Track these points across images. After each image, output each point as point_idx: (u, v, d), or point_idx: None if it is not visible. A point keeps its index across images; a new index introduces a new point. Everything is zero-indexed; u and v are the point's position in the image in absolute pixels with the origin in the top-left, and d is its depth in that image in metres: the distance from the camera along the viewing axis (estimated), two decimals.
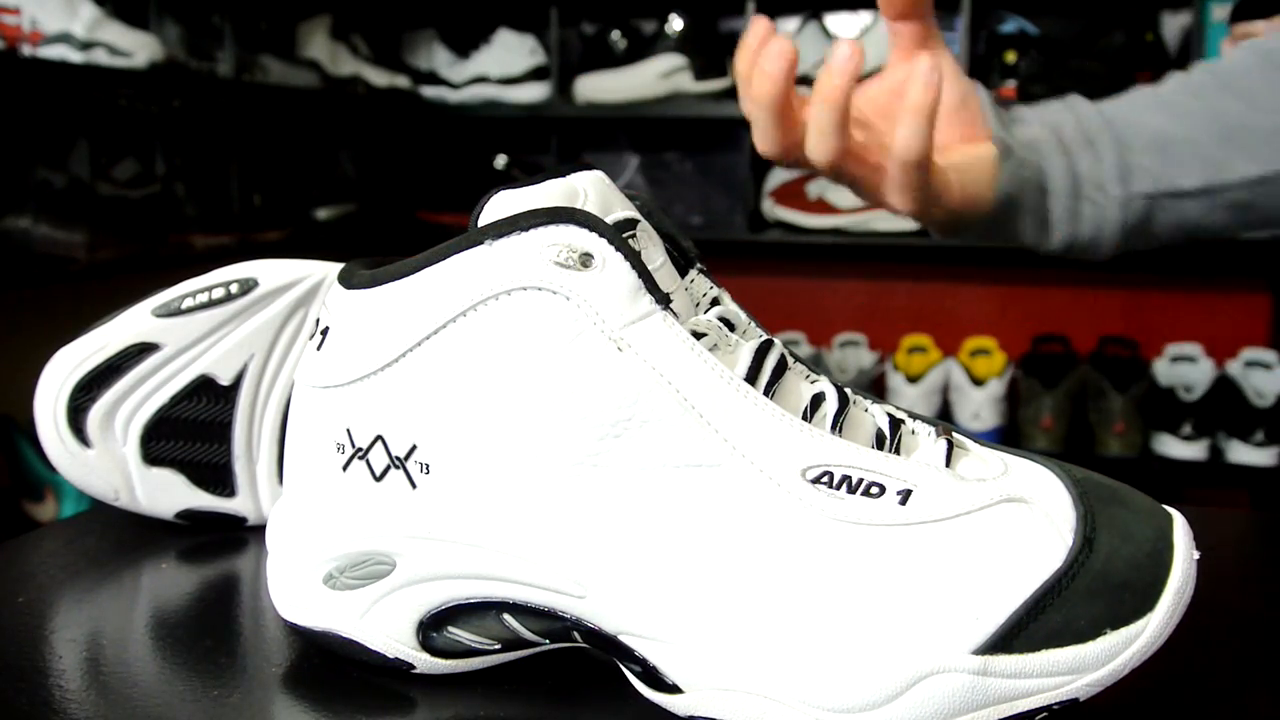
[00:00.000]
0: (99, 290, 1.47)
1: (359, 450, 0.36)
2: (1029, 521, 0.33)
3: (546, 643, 0.37)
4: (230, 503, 0.52)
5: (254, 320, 0.51)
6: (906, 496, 0.33)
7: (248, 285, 0.50)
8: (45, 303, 1.67)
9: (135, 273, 1.64)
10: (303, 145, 2.24)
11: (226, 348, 0.50)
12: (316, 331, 0.37)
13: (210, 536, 0.52)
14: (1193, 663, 0.39)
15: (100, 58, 1.52)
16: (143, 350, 0.49)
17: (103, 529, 0.52)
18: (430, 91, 2.31)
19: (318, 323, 0.37)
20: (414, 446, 0.35)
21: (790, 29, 2.26)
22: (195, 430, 0.51)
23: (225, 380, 0.51)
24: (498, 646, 0.37)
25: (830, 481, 0.32)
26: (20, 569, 0.47)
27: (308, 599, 0.38)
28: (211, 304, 0.50)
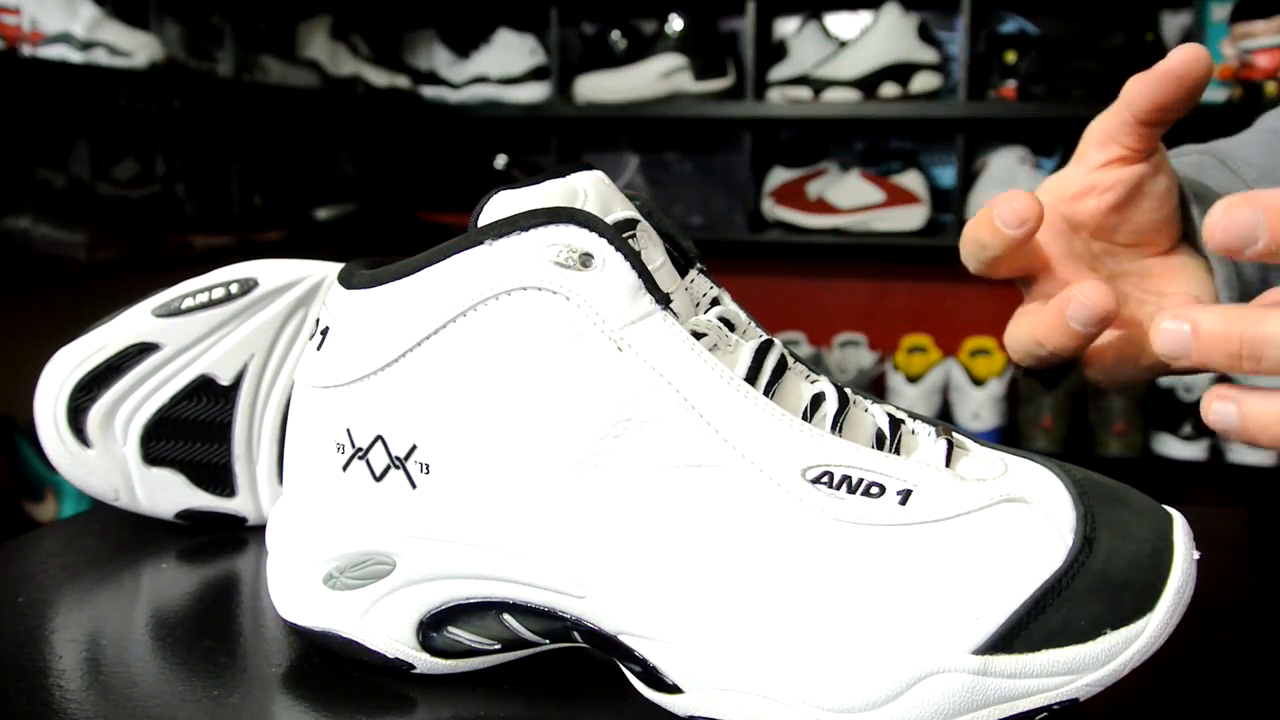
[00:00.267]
0: (99, 290, 1.47)
1: (359, 450, 0.36)
2: (1029, 521, 0.33)
3: (546, 643, 0.37)
4: (230, 503, 0.52)
5: (254, 320, 0.51)
6: (906, 496, 0.33)
7: (248, 285, 0.50)
8: (45, 303, 1.67)
9: (135, 273, 1.64)
10: (303, 145, 2.24)
11: (226, 348, 0.50)
12: (316, 331, 0.37)
13: (210, 536, 0.52)
14: (1193, 663, 0.39)
15: (100, 58, 1.52)
16: (143, 350, 0.49)
17: (103, 529, 0.52)
18: (430, 91, 2.31)
19: (318, 323, 0.37)
20: (414, 446, 0.35)
21: (790, 29, 2.26)
22: (195, 430, 0.51)
23: (225, 380, 0.51)
24: (498, 646, 0.37)
25: (830, 481, 0.33)
26: (20, 569, 0.47)
27: (308, 599, 0.38)
28: (211, 304, 0.50)
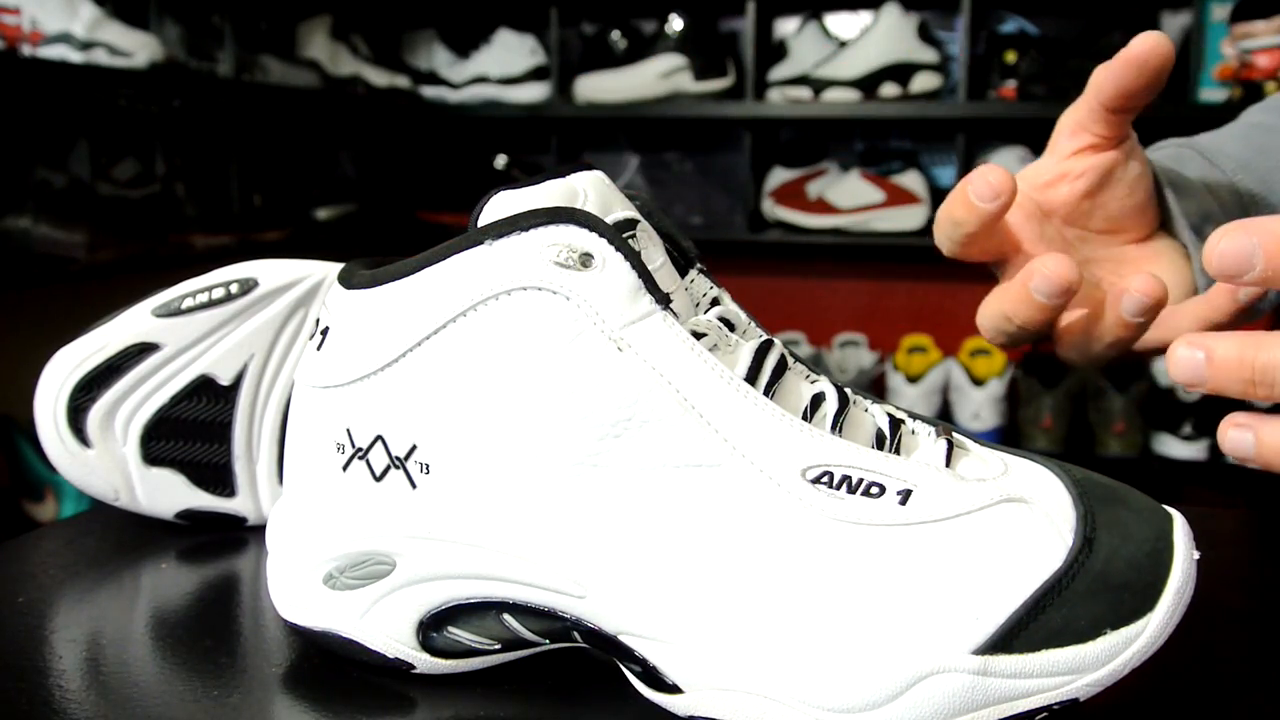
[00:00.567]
0: (99, 290, 1.47)
1: (359, 450, 0.36)
2: (1029, 521, 0.33)
3: (546, 643, 0.37)
4: (230, 503, 0.52)
5: (254, 320, 0.51)
6: (906, 496, 0.33)
7: (248, 285, 0.50)
8: (45, 303, 1.67)
9: (135, 273, 1.64)
10: (303, 145, 2.24)
11: (226, 348, 0.50)
12: (316, 331, 0.37)
13: (210, 536, 0.52)
14: (1193, 663, 0.39)
15: (100, 58, 1.52)
16: (143, 350, 0.49)
17: (103, 529, 0.52)
18: (430, 91, 2.31)
19: (318, 323, 0.37)
20: (414, 446, 0.35)
21: (790, 29, 2.26)
22: (195, 430, 0.51)
23: (225, 380, 0.51)
24: (498, 646, 0.37)
25: (830, 481, 0.32)
26: (20, 569, 0.47)
27: (308, 599, 0.38)
28: (211, 304, 0.50)
